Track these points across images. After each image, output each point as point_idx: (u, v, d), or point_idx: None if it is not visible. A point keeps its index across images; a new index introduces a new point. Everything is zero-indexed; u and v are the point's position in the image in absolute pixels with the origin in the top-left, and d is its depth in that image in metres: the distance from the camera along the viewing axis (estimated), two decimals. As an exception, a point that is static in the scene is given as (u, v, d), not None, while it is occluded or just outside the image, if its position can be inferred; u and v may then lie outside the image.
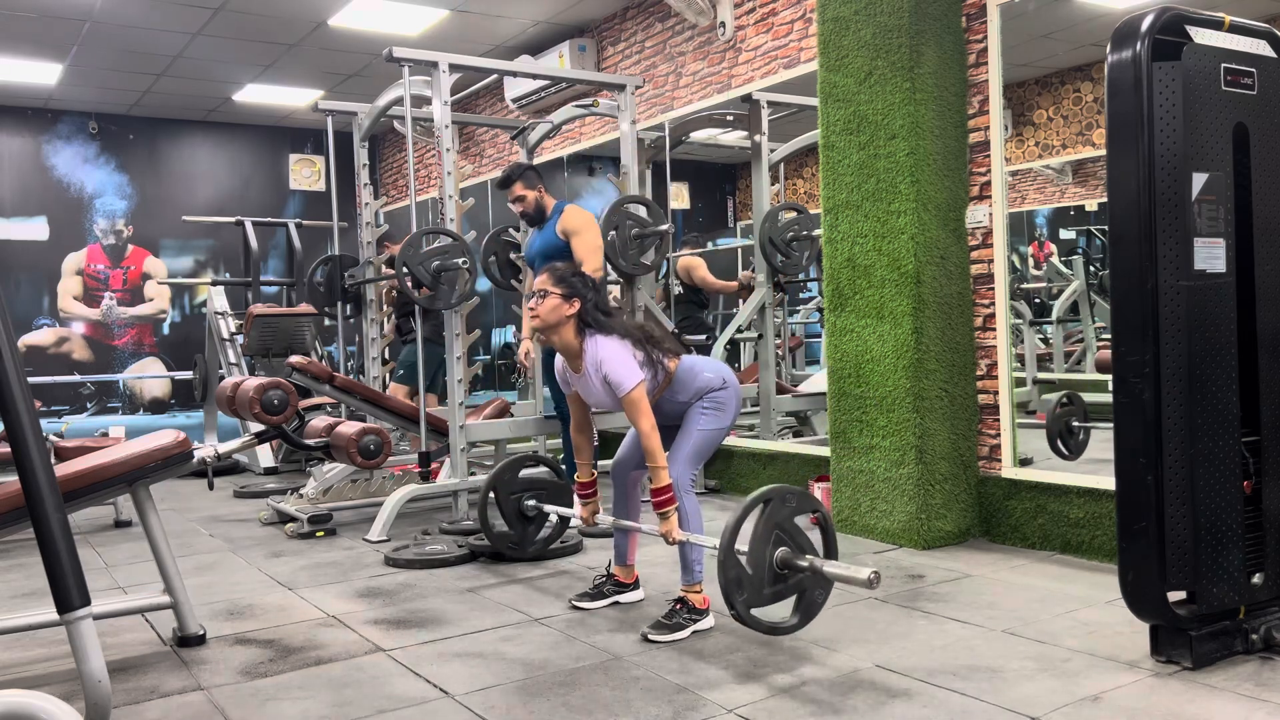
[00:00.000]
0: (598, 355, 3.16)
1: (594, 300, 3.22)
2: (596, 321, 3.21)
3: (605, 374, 3.13)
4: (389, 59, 4.89)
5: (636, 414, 3.11)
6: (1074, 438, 4.47)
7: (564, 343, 3.24)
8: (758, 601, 2.75)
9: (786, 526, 2.78)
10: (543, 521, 4.07)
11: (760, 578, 2.74)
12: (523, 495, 3.96)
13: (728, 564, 2.70)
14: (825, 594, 2.85)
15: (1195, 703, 2.46)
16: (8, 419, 2.01)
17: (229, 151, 9.84)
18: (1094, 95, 4.63)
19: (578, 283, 3.22)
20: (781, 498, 2.78)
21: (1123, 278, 2.65)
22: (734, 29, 5.83)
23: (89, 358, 9.21)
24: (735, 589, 2.71)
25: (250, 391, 3.37)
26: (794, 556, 2.77)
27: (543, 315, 3.19)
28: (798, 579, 2.79)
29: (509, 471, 3.94)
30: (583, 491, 3.54)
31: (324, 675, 2.88)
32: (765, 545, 2.75)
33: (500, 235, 6.44)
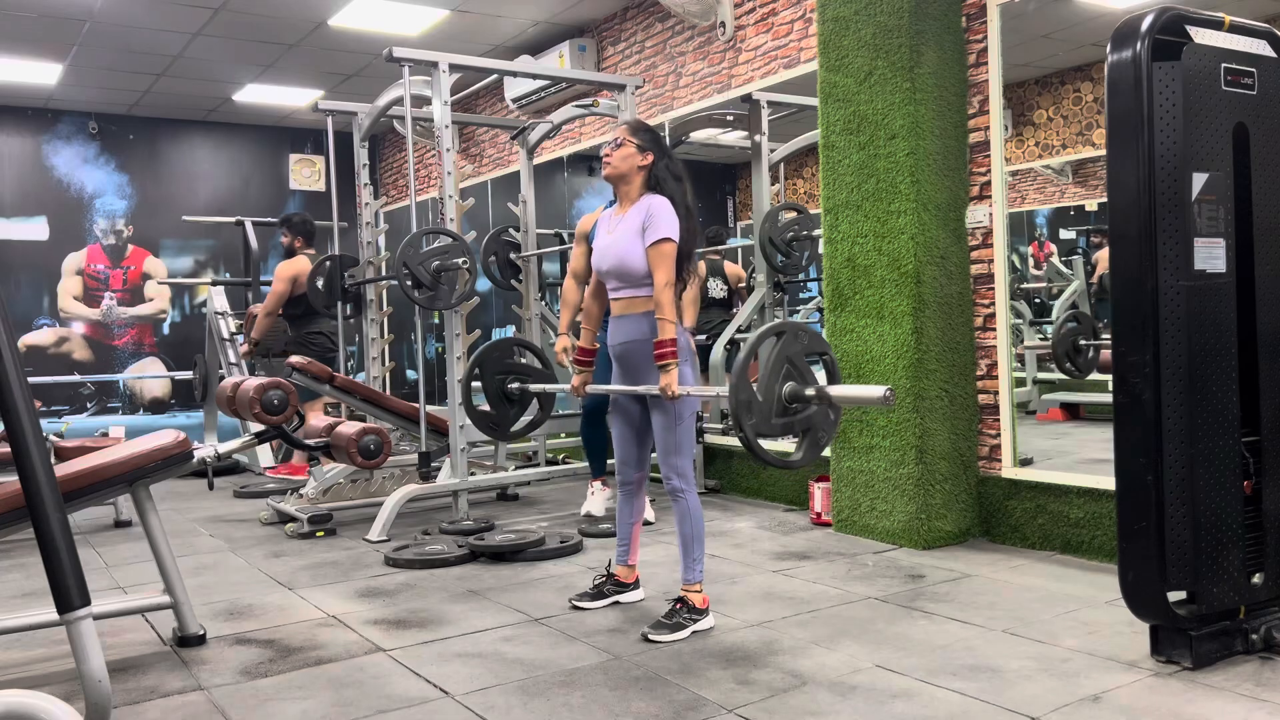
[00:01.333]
0: (651, 202, 3.18)
1: (667, 163, 3.26)
2: (663, 183, 3.23)
3: (649, 215, 3.13)
4: (389, 59, 4.89)
5: (659, 263, 3.10)
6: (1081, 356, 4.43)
7: (627, 192, 3.26)
8: (766, 430, 2.75)
9: (797, 362, 2.78)
10: (525, 404, 4.00)
11: (769, 406, 2.74)
12: (507, 377, 3.91)
13: (739, 386, 2.70)
14: (829, 435, 2.84)
15: (1195, 703, 2.46)
16: (8, 419, 2.02)
17: (229, 151, 9.84)
18: (1094, 95, 4.63)
19: (651, 140, 3.26)
20: (794, 333, 2.79)
21: (1123, 278, 2.65)
22: (734, 29, 5.83)
23: (89, 358, 9.21)
24: (745, 412, 2.70)
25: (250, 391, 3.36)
26: (802, 387, 2.76)
27: (615, 161, 3.23)
28: (806, 414, 2.79)
29: (495, 351, 3.90)
30: (581, 357, 3.51)
31: (324, 675, 2.88)
32: (776, 376, 2.74)
33: (500, 235, 6.44)
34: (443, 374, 5.61)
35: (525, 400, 3.97)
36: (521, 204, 6.18)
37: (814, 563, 4.02)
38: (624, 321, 3.26)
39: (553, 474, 5.76)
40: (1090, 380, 5.14)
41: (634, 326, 3.23)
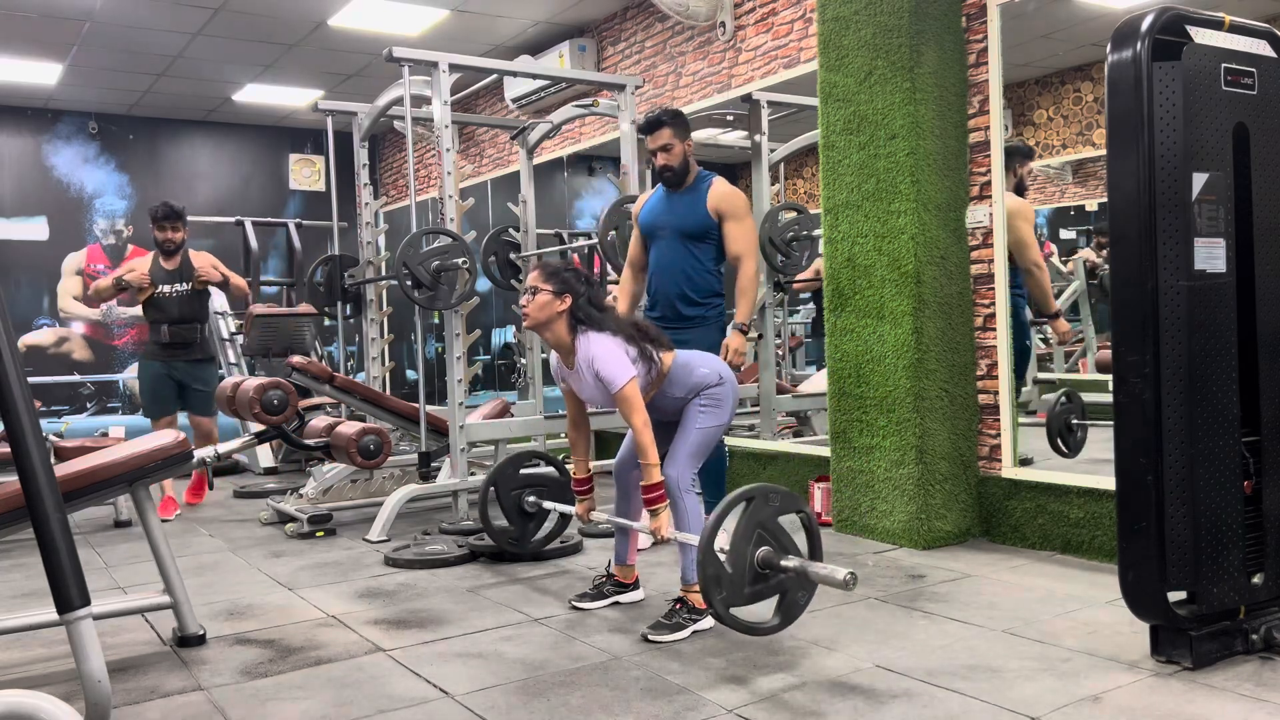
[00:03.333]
0: (590, 352, 3.15)
1: (587, 295, 3.20)
2: (589, 318, 3.19)
3: (597, 370, 3.13)
4: (389, 59, 4.89)
5: (629, 410, 3.11)
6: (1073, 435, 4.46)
7: (556, 339, 3.24)
8: (737, 600, 2.71)
9: (769, 525, 2.74)
10: (543, 518, 4.05)
11: (740, 576, 2.70)
12: (523, 491, 3.94)
13: (706, 562, 2.67)
14: (808, 596, 2.81)
15: (1195, 703, 2.46)
16: (8, 419, 2.01)
17: (229, 151, 9.84)
18: (1094, 95, 4.63)
19: (570, 278, 3.20)
20: (764, 496, 2.75)
21: (1123, 278, 2.65)
22: (734, 29, 5.83)
23: (89, 358, 9.21)
24: (714, 587, 2.67)
25: (250, 391, 3.37)
26: (776, 556, 2.73)
27: (532, 313, 3.18)
28: (779, 580, 2.74)
29: (510, 467, 3.93)
30: (578, 488, 3.54)
31: (324, 675, 2.88)
32: (746, 544, 2.70)
33: (500, 235, 6.44)
34: (443, 374, 5.61)
35: (542, 513, 3.99)
36: (521, 204, 6.18)
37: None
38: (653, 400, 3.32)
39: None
40: (1090, 380, 5.15)
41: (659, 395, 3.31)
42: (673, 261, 4.14)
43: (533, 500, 3.94)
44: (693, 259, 4.11)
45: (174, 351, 5.76)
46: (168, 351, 5.75)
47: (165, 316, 5.76)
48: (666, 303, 4.17)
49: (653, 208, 4.25)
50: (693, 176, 4.13)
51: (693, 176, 4.13)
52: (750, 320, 4.12)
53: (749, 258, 4.05)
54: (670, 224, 4.13)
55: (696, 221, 4.07)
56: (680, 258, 4.13)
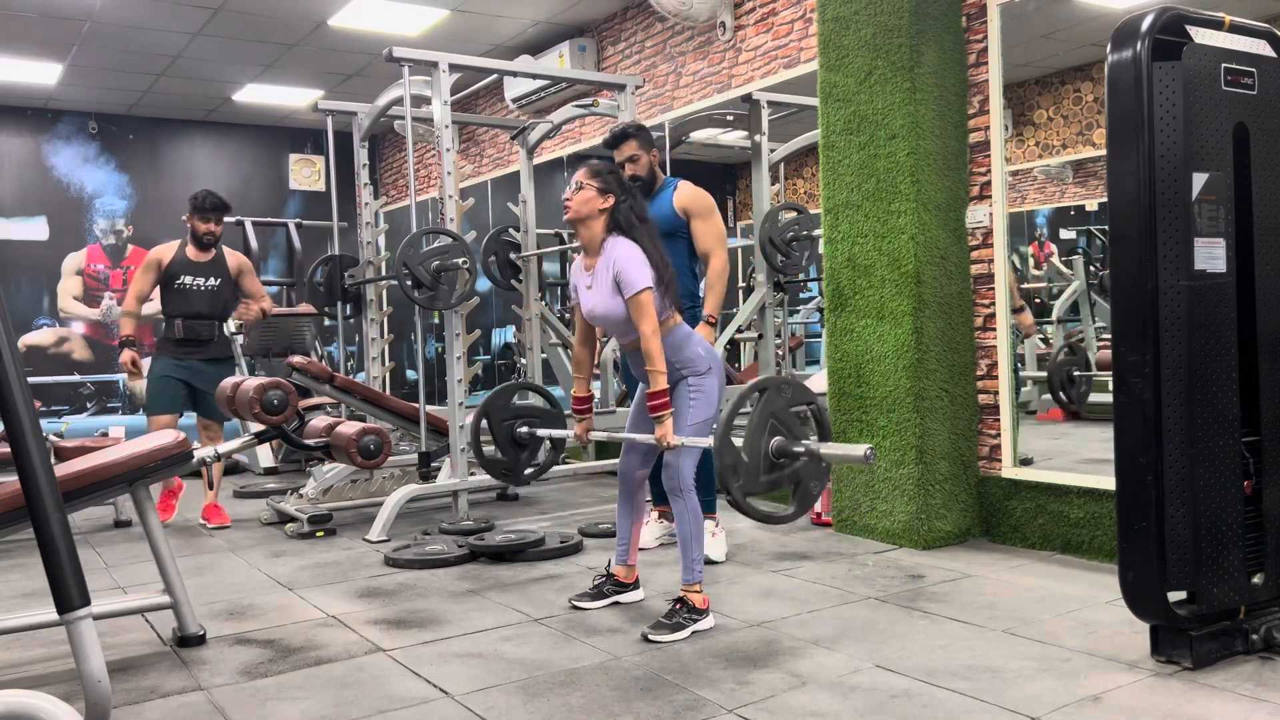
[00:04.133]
0: (615, 253, 3.15)
1: (629, 204, 3.23)
2: (628, 223, 3.21)
3: (618, 271, 3.12)
4: (389, 59, 4.89)
5: (640, 315, 3.09)
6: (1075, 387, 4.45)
7: (590, 237, 3.23)
8: (754, 488, 2.73)
9: (782, 416, 2.76)
10: (536, 448, 3.99)
11: (756, 465, 2.72)
12: (515, 421, 3.90)
13: (723, 450, 2.68)
14: (821, 485, 2.83)
15: (1195, 703, 2.46)
16: (8, 419, 2.01)
17: (229, 151, 9.84)
18: (1094, 95, 4.63)
19: (614, 182, 3.23)
20: (777, 387, 2.78)
21: (1123, 278, 2.65)
22: (734, 29, 5.83)
23: (89, 358, 9.21)
24: (731, 475, 2.69)
25: (250, 391, 3.36)
26: (789, 443, 2.75)
27: (575, 206, 3.20)
28: (794, 468, 2.77)
29: (502, 398, 3.89)
30: (578, 407, 3.52)
31: (324, 675, 2.88)
32: (761, 433, 2.73)
33: (500, 235, 6.44)
34: (443, 374, 5.61)
35: (535, 443, 3.96)
36: (521, 204, 6.18)
37: (814, 563, 4.02)
38: (637, 354, 3.27)
39: (552, 474, 5.76)
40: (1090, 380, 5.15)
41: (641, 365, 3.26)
42: None
43: (525, 431, 3.90)
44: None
45: (188, 348, 5.35)
46: (182, 348, 5.35)
47: (185, 310, 5.36)
48: None
49: None
50: (659, 183, 4.27)
51: (659, 183, 4.27)
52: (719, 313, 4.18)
53: (717, 253, 4.13)
54: None
55: (665, 220, 4.16)
56: None
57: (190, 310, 5.37)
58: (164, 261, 5.35)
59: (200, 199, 5.38)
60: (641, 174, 4.20)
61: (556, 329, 6.36)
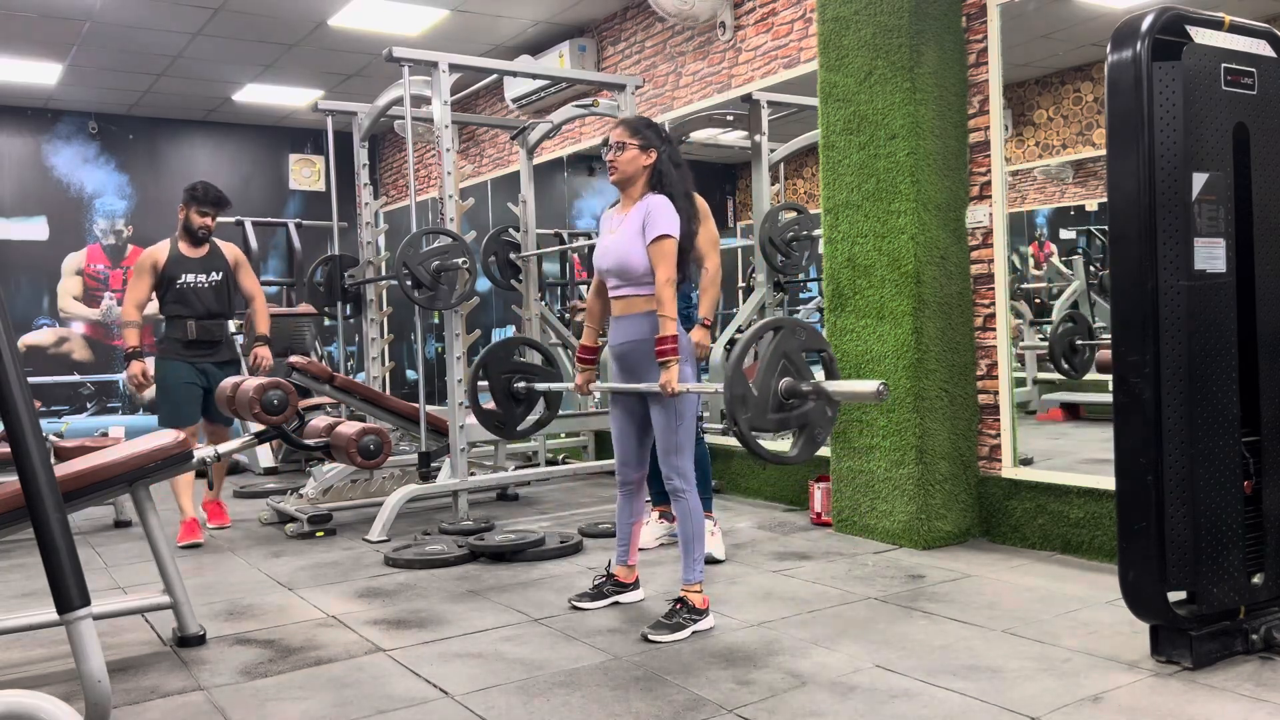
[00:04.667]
0: (650, 201, 3.19)
1: (668, 152, 3.26)
2: (669, 176, 3.24)
3: (649, 211, 3.14)
4: (389, 59, 4.89)
5: (660, 259, 3.11)
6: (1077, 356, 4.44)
7: (633, 191, 3.26)
8: (761, 424, 2.73)
9: (794, 358, 2.76)
10: (532, 403, 3.98)
11: (764, 400, 2.72)
12: (513, 376, 3.90)
13: (734, 381, 2.68)
14: (826, 432, 2.84)
15: (1195, 703, 2.46)
16: (8, 419, 2.02)
17: (229, 151, 9.84)
18: (1094, 95, 4.63)
19: (652, 135, 3.25)
20: (791, 329, 2.78)
21: (1123, 278, 2.65)
22: (734, 29, 5.83)
23: (89, 358, 9.21)
24: (739, 406, 2.69)
25: (250, 391, 3.36)
26: (799, 383, 2.75)
27: (621, 166, 3.22)
28: (802, 410, 2.77)
29: (501, 350, 3.89)
30: (583, 355, 3.53)
31: (324, 675, 2.88)
32: (773, 371, 2.73)
33: (500, 235, 6.45)
34: (443, 374, 5.61)
35: (532, 399, 3.94)
36: (521, 204, 6.18)
37: (814, 563, 4.02)
38: (624, 322, 3.26)
39: (552, 474, 5.77)
40: (1090, 380, 5.14)
41: (634, 327, 3.23)
42: None
43: (522, 385, 3.89)
44: None
45: (200, 351, 5.03)
46: (193, 351, 5.01)
47: (191, 311, 5.01)
48: None
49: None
50: None
51: None
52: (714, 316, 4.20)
53: (710, 257, 4.16)
54: None
55: None
56: None
57: (198, 310, 5.03)
58: (159, 263, 4.98)
59: (200, 190, 5.01)
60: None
61: (556, 329, 6.36)
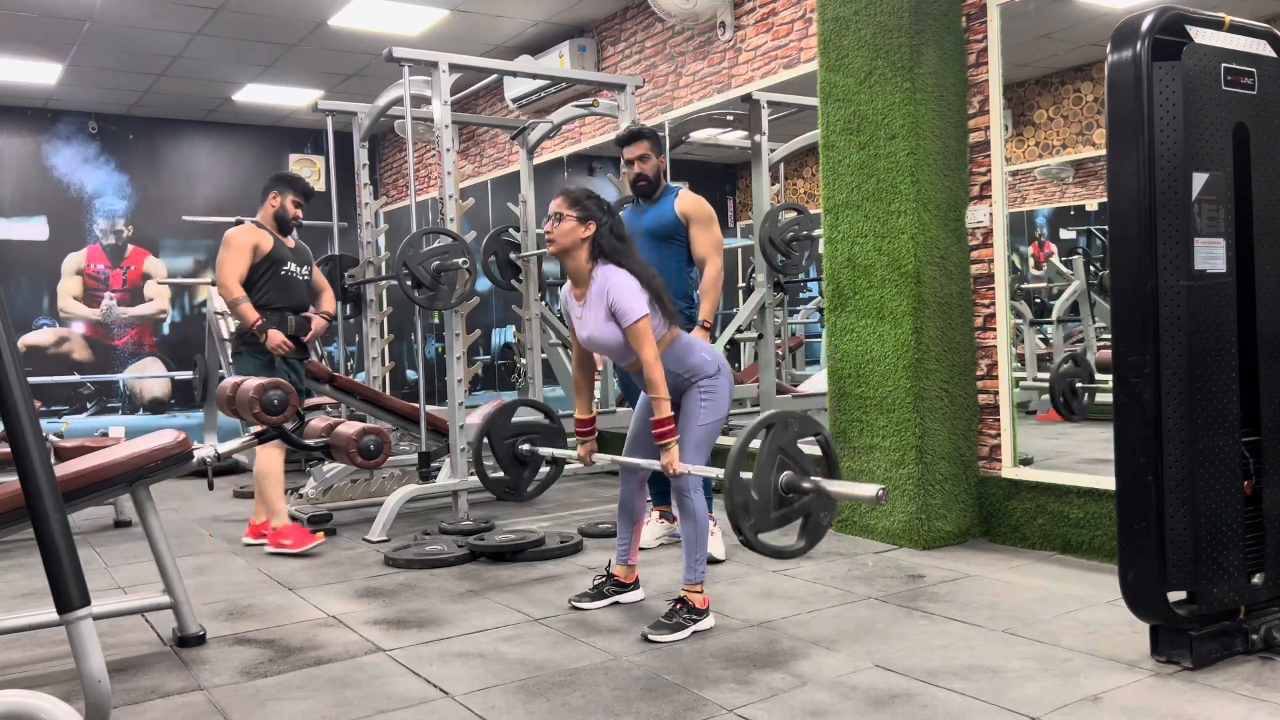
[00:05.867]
0: (606, 283, 3.13)
1: (609, 225, 3.20)
2: (611, 249, 3.18)
3: (612, 301, 3.10)
4: (389, 59, 4.89)
5: (640, 343, 3.08)
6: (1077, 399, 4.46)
7: (576, 267, 3.21)
8: (764, 526, 2.73)
9: (790, 450, 2.75)
10: (538, 465, 4.00)
11: (766, 502, 2.72)
12: (517, 439, 3.91)
13: (734, 489, 2.68)
14: (830, 516, 2.83)
15: (1195, 703, 2.46)
16: (8, 419, 2.02)
17: (229, 151, 9.84)
18: (1094, 95, 4.63)
19: (593, 206, 3.20)
20: (784, 422, 2.77)
21: (1123, 278, 2.65)
22: (734, 29, 5.83)
23: (89, 358, 9.21)
24: (742, 514, 2.69)
25: (250, 391, 3.36)
26: (799, 479, 2.75)
27: (558, 238, 3.17)
28: (803, 502, 2.77)
29: (502, 416, 3.90)
30: (581, 429, 3.52)
31: (324, 675, 2.88)
32: (770, 470, 2.73)
33: (500, 235, 6.45)
34: (443, 374, 5.61)
35: (536, 460, 3.97)
36: (521, 204, 6.18)
37: (814, 563, 4.02)
38: (639, 374, 3.26)
39: (553, 474, 5.76)
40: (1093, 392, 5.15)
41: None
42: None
43: (526, 448, 3.90)
44: (663, 258, 4.24)
45: (295, 345, 4.81)
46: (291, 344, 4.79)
47: (288, 302, 4.77)
48: None
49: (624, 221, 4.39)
50: (661, 188, 4.35)
51: (661, 188, 4.35)
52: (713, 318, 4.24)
53: (713, 260, 4.22)
54: (640, 228, 4.30)
55: (665, 222, 4.27)
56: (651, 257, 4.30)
57: (294, 302, 4.82)
58: (262, 246, 4.68)
59: (297, 180, 4.87)
60: (649, 174, 4.29)
61: (556, 329, 6.36)
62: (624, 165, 4.36)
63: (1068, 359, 4.57)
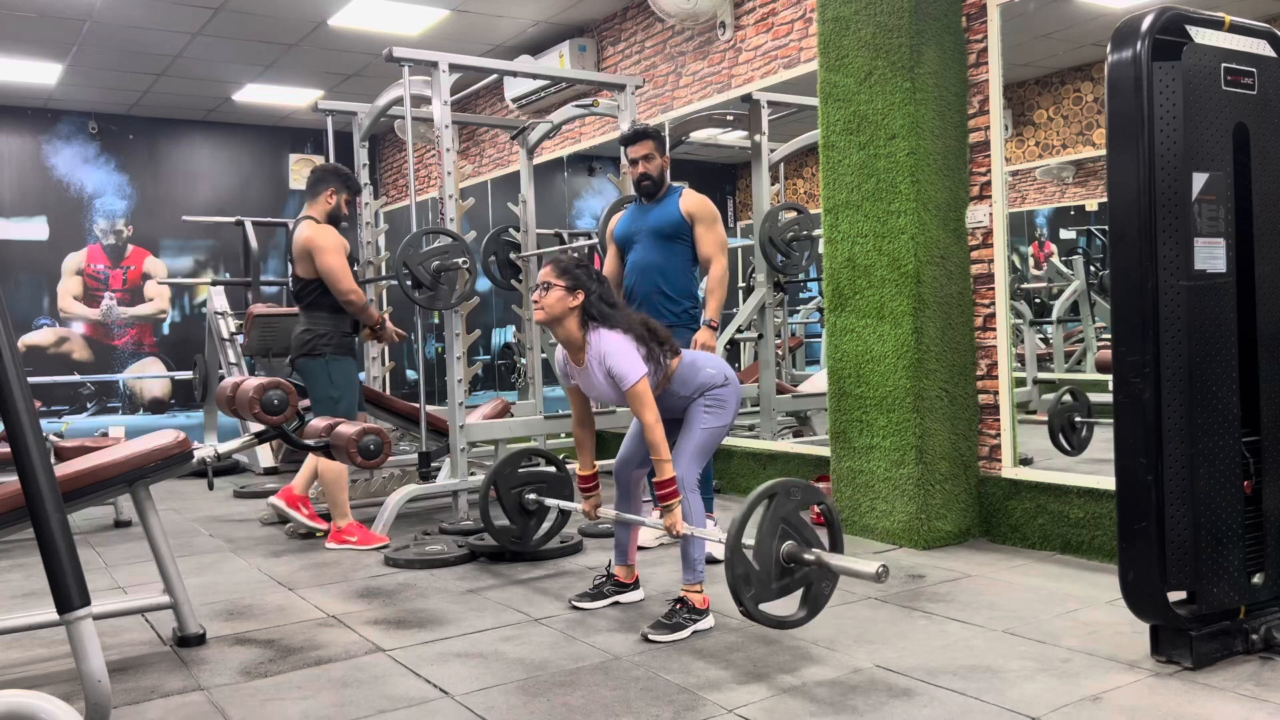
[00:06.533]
0: (601, 348, 3.16)
1: (598, 292, 3.21)
2: (601, 314, 3.20)
3: (609, 367, 3.13)
4: (389, 59, 4.89)
5: (641, 407, 3.10)
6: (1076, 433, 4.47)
7: (567, 335, 3.23)
8: (765, 596, 2.74)
9: (792, 520, 2.76)
10: (544, 515, 4.05)
11: (767, 573, 2.73)
12: (523, 489, 3.94)
13: (735, 561, 2.69)
14: (832, 586, 2.84)
15: (1195, 703, 2.46)
16: (8, 419, 2.02)
17: (229, 151, 9.84)
18: (1094, 95, 4.63)
19: (582, 275, 3.21)
20: (786, 491, 2.77)
21: (1123, 278, 2.65)
22: (734, 29, 5.83)
23: (89, 358, 9.21)
24: (743, 585, 2.70)
25: (250, 391, 3.36)
26: (800, 550, 2.75)
27: (547, 308, 3.18)
28: (804, 572, 2.78)
29: (509, 466, 3.93)
30: (584, 485, 3.54)
31: (324, 675, 2.88)
32: (771, 540, 2.73)
33: (500, 235, 6.45)
34: (443, 374, 5.61)
35: (543, 510, 4.00)
36: (521, 204, 6.18)
37: (814, 563, 4.02)
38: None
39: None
40: (1090, 380, 5.15)
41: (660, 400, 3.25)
42: (649, 260, 4.34)
43: (533, 498, 3.95)
44: (667, 257, 4.29)
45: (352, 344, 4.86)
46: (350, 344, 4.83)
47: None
48: (644, 300, 4.30)
49: (627, 220, 4.51)
50: (664, 188, 4.39)
51: (664, 188, 4.39)
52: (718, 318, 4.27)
53: (718, 259, 4.26)
54: (645, 228, 4.37)
55: (670, 222, 4.31)
56: (656, 256, 4.35)
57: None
58: (347, 246, 4.75)
59: (353, 177, 4.89)
60: (653, 174, 4.34)
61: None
62: (628, 165, 4.39)
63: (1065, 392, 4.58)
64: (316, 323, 4.73)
